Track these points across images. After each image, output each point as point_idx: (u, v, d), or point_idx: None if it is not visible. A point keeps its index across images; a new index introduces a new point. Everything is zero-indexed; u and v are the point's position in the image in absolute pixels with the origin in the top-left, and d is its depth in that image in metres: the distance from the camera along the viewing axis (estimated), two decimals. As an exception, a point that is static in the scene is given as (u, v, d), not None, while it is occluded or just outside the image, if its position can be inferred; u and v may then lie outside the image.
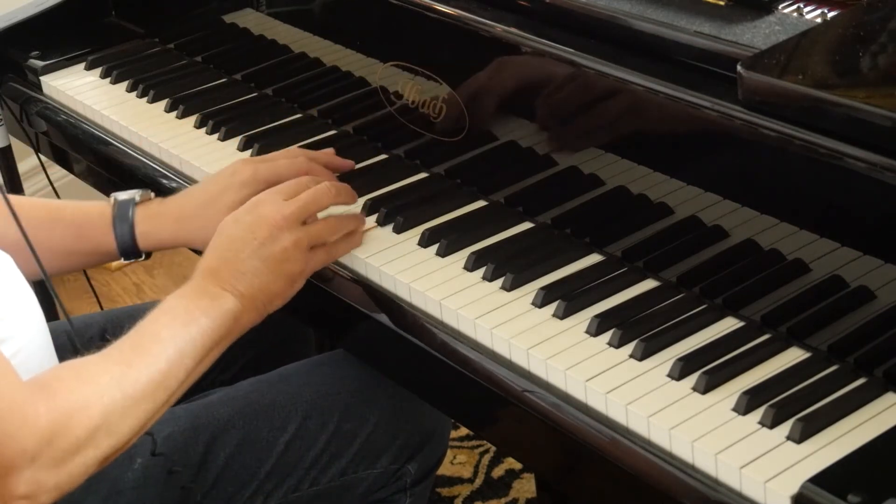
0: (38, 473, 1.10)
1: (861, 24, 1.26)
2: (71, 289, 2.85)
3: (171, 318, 1.26)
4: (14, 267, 1.33)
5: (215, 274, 1.32)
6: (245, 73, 1.86)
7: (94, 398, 1.15)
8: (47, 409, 1.11)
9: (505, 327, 1.28)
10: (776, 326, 1.23)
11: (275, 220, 1.34)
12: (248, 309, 1.31)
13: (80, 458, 1.14)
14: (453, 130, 1.52)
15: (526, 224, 1.45)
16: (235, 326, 1.30)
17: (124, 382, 1.18)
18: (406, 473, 1.52)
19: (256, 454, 1.45)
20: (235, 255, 1.33)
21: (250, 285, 1.31)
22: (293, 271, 1.35)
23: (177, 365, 1.23)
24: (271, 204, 1.36)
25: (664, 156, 1.33)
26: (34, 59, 1.96)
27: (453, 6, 1.49)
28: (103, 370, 1.18)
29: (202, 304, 1.28)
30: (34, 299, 1.33)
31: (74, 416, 1.13)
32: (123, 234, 1.48)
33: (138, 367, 1.20)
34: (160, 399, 1.22)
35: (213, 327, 1.27)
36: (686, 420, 1.13)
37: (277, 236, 1.34)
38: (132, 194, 1.49)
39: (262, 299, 1.33)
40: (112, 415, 1.16)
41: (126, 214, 1.48)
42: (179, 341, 1.24)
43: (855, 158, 1.12)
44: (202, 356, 1.27)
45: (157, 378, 1.21)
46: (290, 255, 1.34)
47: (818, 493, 1.03)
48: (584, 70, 1.35)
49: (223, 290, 1.30)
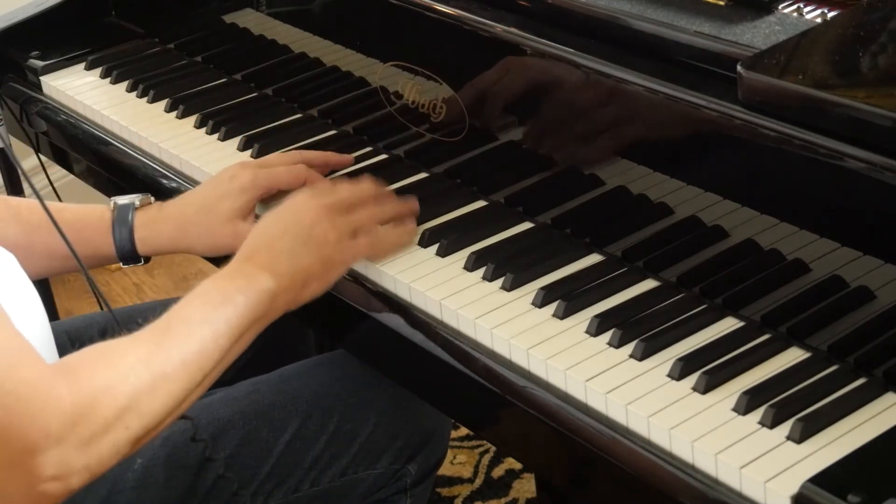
0: (65, 454, 1.09)
1: (861, 24, 1.26)
2: (71, 289, 2.86)
3: (203, 300, 1.25)
4: (17, 266, 1.33)
5: (252, 256, 1.31)
6: (245, 73, 1.86)
7: (120, 379, 1.14)
8: (70, 390, 1.10)
9: (505, 327, 1.28)
10: (776, 326, 1.23)
11: (314, 208, 1.34)
12: (285, 289, 1.29)
13: (108, 440, 1.12)
14: (453, 130, 1.52)
15: (526, 224, 1.45)
16: (272, 307, 1.29)
17: (153, 362, 1.17)
18: (406, 474, 1.53)
19: (256, 454, 1.45)
20: (274, 238, 1.32)
21: (287, 266, 1.30)
22: (332, 255, 1.33)
23: (211, 345, 1.22)
24: (310, 196, 1.37)
25: (664, 156, 1.33)
26: (34, 59, 1.96)
27: (453, 6, 1.49)
28: (130, 351, 1.17)
29: (238, 284, 1.27)
30: (37, 298, 1.33)
31: (99, 397, 1.12)
32: (122, 239, 1.47)
33: (168, 347, 1.19)
34: (195, 378, 1.20)
35: (249, 306, 1.26)
36: (686, 420, 1.13)
37: (316, 221, 1.33)
38: (132, 199, 1.49)
39: (299, 280, 1.31)
40: (140, 395, 1.15)
41: (125, 219, 1.47)
42: (213, 321, 1.23)
43: (855, 158, 1.12)
44: (238, 336, 1.25)
45: (190, 358, 1.19)
46: (330, 238, 1.33)
47: (818, 493, 1.03)
48: (584, 70, 1.35)
49: (259, 270, 1.29)
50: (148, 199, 1.50)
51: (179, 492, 1.41)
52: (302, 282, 1.31)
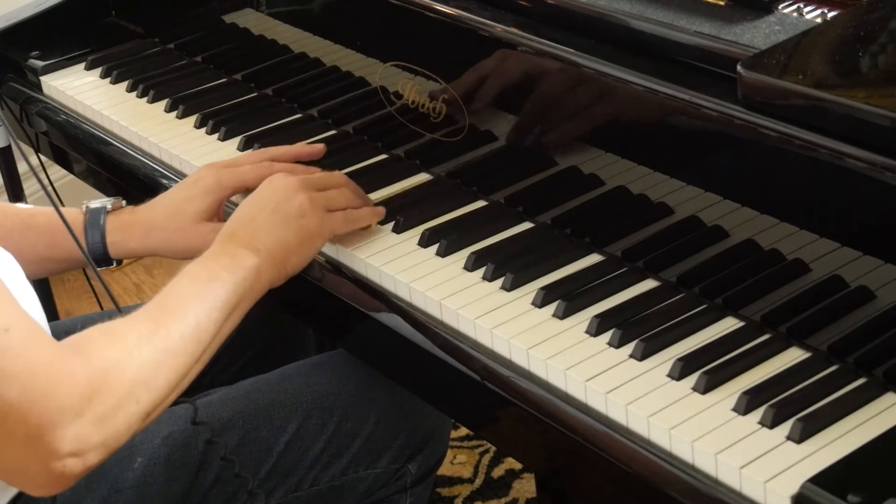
0: (82, 430, 1.11)
1: (861, 24, 1.26)
2: (71, 289, 2.85)
3: (192, 278, 1.28)
4: (16, 265, 1.33)
5: (233, 236, 1.34)
6: (245, 73, 1.86)
7: (126, 355, 1.16)
8: (83, 366, 1.12)
9: (505, 327, 1.28)
10: (776, 326, 1.23)
11: (290, 184, 1.38)
12: (268, 264, 1.33)
13: (122, 415, 1.14)
14: (453, 130, 1.52)
15: (526, 224, 1.45)
16: (257, 282, 1.32)
17: (154, 338, 1.19)
18: (406, 473, 1.53)
19: (257, 454, 1.45)
20: (252, 217, 1.36)
21: (267, 239, 1.34)
22: (309, 227, 1.37)
23: (205, 319, 1.25)
24: (284, 176, 1.41)
25: (664, 156, 1.33)
26: (34, 59, 1.96)
27: (453, 6, 1.49)
28: (131, 328, 1.20)
29: (222, 262, 1.31)
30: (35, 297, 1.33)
31: (110, 373, 1.14)
32: (94, 243, 1.49)
33: (166, 323, 1.22)
34: (194, 353, 1.23)
35: (236, 281, 1.29)
36: (686, 420, 1.13)
37: (292, 196, 1.37)
38: (104, 202, 1.51)
39: (279, 256, 1.34)
40: (146, 369, 1.17)
41: (97, 222, 1.49)
42: (204, 297, 1.26)
43: (855, 158, 1.12)
44: (229, 310, 1.28)
45: (188, 332, 1.22)
46: (306, 210, 1.37)
47: (818, 493, 1.03)
48: (584, 70, 1.35)
49: (241, 248, 1.32)
50: (119, 202, 1.52)
51: (180, 491, 1.41)
52: (282, 255, 1.35)
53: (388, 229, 1.46)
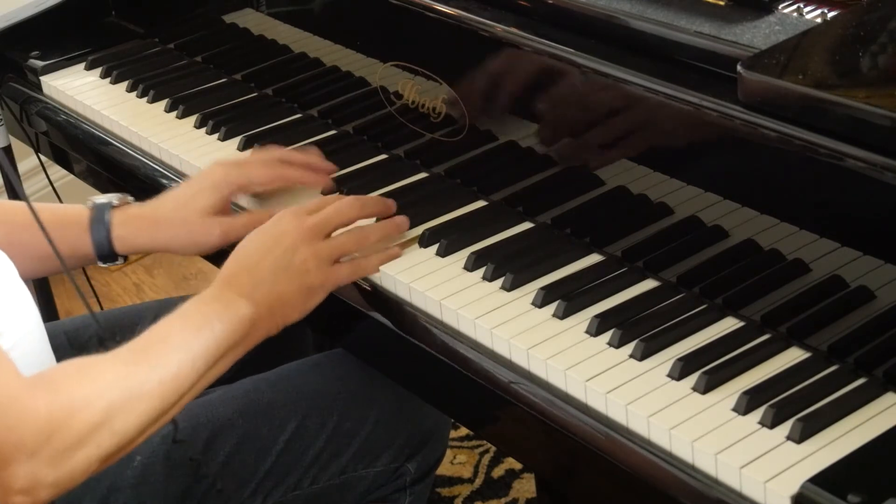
0: (36, 468, 1.10)
1: (861, 24, 1.26)
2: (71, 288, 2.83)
3: (183, 322, 1.26)
4: (10, 266, 1.33)
5: (232, 281, 1.31)
6: (245, 73, 1.86)
7: (96, 395, 1.14)
8: (47, 403, 1.11)
9: (505, 327, 1.28)
10: (776, 326, 1.23)
11: (295, 233, 1.34)
12: (264, 317, 1.30)
13: (80, 456, 1.13)
14: (453, 130, 1.52)
15: (526, 224, 1.45)
16: (250, 334, 1.30)
17: (129, 381, 1.17)
18: (406, 472, 1.53)
19: (256, 453, 1.45)
20: (254, 264, 1.32)
21: (267, 294, 1.30)
22: (312, 283, 1.33)
23: (187, 368, 1.22)
24: (293, 217, 1.36)
25: (664, 156, 1.33)
26: (34, 59, 1.96)
27: (453, 6, 1.49)
28: (108, 368, 1.18)
29: (216, 309, 1.27)
30: (30, 298, 1.33)
31: (75, 413, 1.12)
32: (100, 238, 1.48)
33: (145, 367, 1.19)
34: (169, 400, 1.21)
35: (227, 332, 1.27)
36: (686, 420, 1.13)
37: (297, 248, 1.33)
38: (109, 198, 1.50)
39: (278, 310, 1.32)
40: (114, 412, 1.15)
41: (102, 218, 1.48)
42: (192, 344, 1.23)
43: (855, 158, 1.12)
44: (215, 360, 1.26)
45: (166, 379, 1.20)
46: (310, 266, 1.33)
47: (818, 493, 1.03)
48: (583, 70, 1.35)
49: (239, 297, 1.29)
50: (126, 198, 1.51)
51: (179, 489, 1.41)
52: (281, 310, 1.32)
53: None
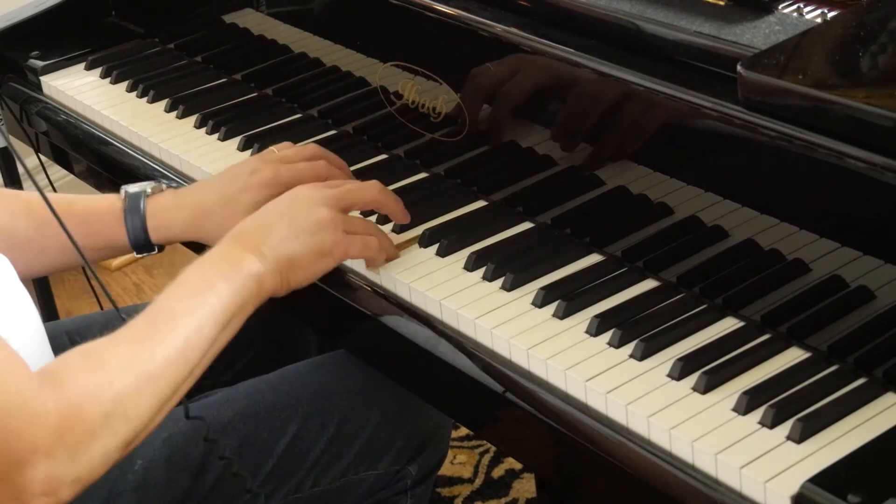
0: (54, 467, 1.08)
1: (861, 24, 1.26)
2: (71, 288, 2.85)
3: (186, 289, 1.23)
4: (10, 269, 1.32)
5: (240, 237, 1.29)
6: (245, 73, 1.86)
7: (104, 384, 1.12)
8: (56, 400, 1.08)
9: (505, 327, 1.28)
10: (776, 326, 1.23)
11: (312, 196, 1.33)
12: (272, 272, 1.27)
13: (97, 448, 1.11)
14: (453, 130, 1.52)
15: (526, 224, 1.45)
16: (258, 290, 1.26)
17: (136, 363, 1.14)
18: (407, 474, 1.52)
19: (257, 455, 1.44)
20: (265, 221, 1.31)
21: (276, 248, 1.28)
22: (323, 244, 1.32)
23: (195, 337, 1.19)
24: (311, 187, 1.36)
25: (664, 156, 1.34)
26: (34, 59, 1.96)
27: (453, 6, 1.49)
28: (113, 353, 1.15)
29: (221, 269, 1.25)
30: (30, 301, 1.33)
31: (85, 406, 1.10)
32: (135, 228, 1.45)
33: (151, 345, 1.16)
34: (180, 374, 1.18)
35: (234, 290, 1.24)
36: (686, 420, 1.13)
37: (313, 210, 1.32)
38: (143, 186, 1.47)
39: (286, 267, 1.29)
40: (125, 399, 1.12)
41: (137, 208, 1.45)
42: (196, 311, 1.20)
43: (855, 158, 1.12)
44: (224, 323, 1.23)
45: (173, 354, 1.17)
46: (324, 227, 1.31)
47: (818, 493, 1.03)
48: (583, 70, 1.35)
49: (245, 251, 1.27)
50: (160, 186, 1.48)
51: (180, 493, 1.41)
52: (288, 266, 1.29)
53: (388, 230, 1.46)
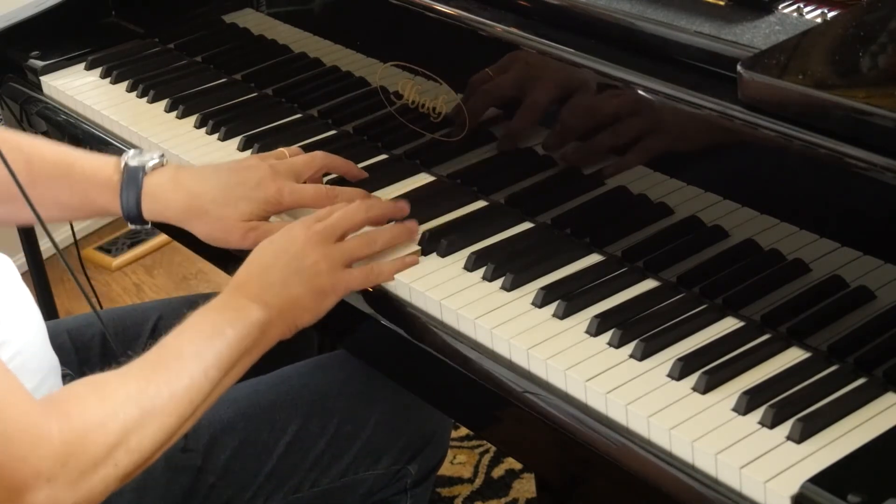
0: (55, 494, 1.09)
1: (861, 24, 1.26)
2: (71, 288, 2.85)
3: (195, 331, 1.25)
4: (13, 270, 1.33)
5: (243, 287, 1.30)
6: (245, 73, 1.86)
7: (110, 416, 1.13)
8: (60, 428, 1.10)
9: (505, 327, 1.28)
10: (776, 326, 1.23)
11: (304, 238, 1.33)
12: (276, 321, 1.29)
13: (98, 477, 1.12)
14: (453, 131, 1.52)
15: (526, 224, 1.45)
16: (263, 338, 1.28)
17: (142, 398, 1.16)
18: (407, 474, 1.53)
19: (257, 456, 1.45)
20: (265, 269, 1.31)
21: (278, 296, 1.29)
22: (323, 286, 1.32)
23: (200, 378, 1.21)
24: (301, 225, 1.36)
25: (664, 156, 1.33)
26: (34, 59, 1.96)
27: (453, 6, 1.49)
28: (120, 386, 1.17)
29: (228, 316, 1.26)
30: (32, 301, 1.33)
31: (89, 435, 1.11)
32: (129, 204, 1.45)
33: (157, 382, 1.18)
34: (184, 412, 1.20)
35: (239, 338, 1.26)
36: (686, 420, 1.13)
37: (307, 252, 1.32)
38: (143, 160, 1.46)
39: (289, 312, 1.31)
40: (130, 432, 1.14)
41: (135, 182, 1.45)
42: (204, 354, 1.22)
43: (855, 158, 1.12)
44: (228, 368, 1.25)
45: (180, 392, 1.19)
46: (321, 268, 1.32)
47: (818, 493, 1.03)
48: (583, 70, 1.35)
49: (250, 302, 1.28)
50: (160, 162, 1.47)
51: (180, 494, 1.41)
52: (292, 312, 1.31)
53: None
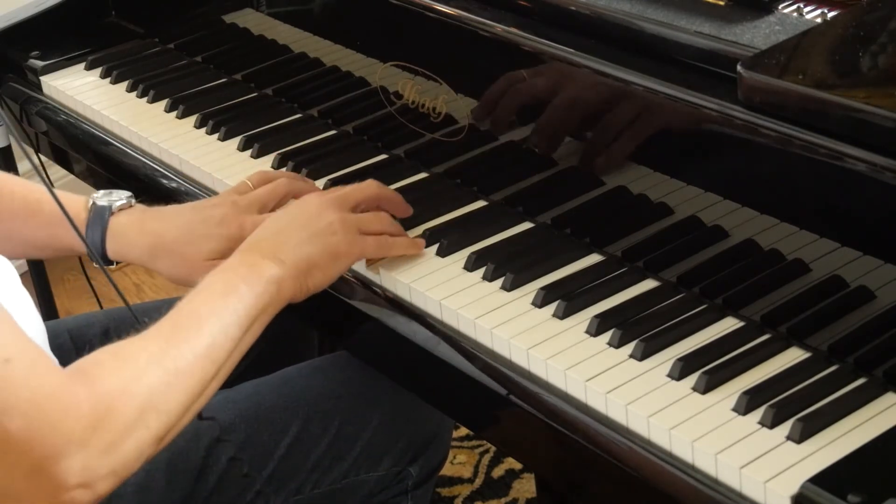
0: (88, 459, 1.08)
1: (861, 24, 1.26)
2: (71, 288, 2.85)
3: (209, 293, 1.24)
4: (12, 272, 1.32)
5: (256, 246, 1.30)
6: (245, 73, 1.86)
7: (134, 379, 1.13)
8: (88, 394, 1.09)
9: (505, 327, 1.28)
10: (776, 326, 1.23)
11: (320, 202, 1.34)
12: (290, 277, 1.29)
13: (131, 441, 1.11)
14: (453, 130, 1.52)
15: (526, 224, 1.45)
16: (278, 294, 1.28)
17: (165, 359, 1.16)
18: (408, 475, 1.52)
19: (258, 457, 1.44)
20: (279, 230, 1.32)
21: (292, 253, 1.29)
22: (338, 246, 1.32)
23: (221, 336, 1.21)
24: (317, 194, 1.37)
25: (664, 156, 1.34)
26: (34, 59, 1.96)
27: (453, 6, 1.49)
28: (141, 350, 1.16)
29: (241, 273, 1.26)
30: (31, 305, 1.33)
31: (117, 399, 1.11)
32: (94, 241, 1.45)
33: (179, 343, 1.18)
34: (208, 372, 1.19)
35: (255, 294, 1.25)
36: (686, 420, 1.13)
37: (324, 214, 1.33)
38: (111, 201, 1.46)
39: (304, 271, 1.30)
40: (156, 393, 1.14)
41: (100, 222, 1.45)
42: (220, 313, 1.22)
43: (855, 158, 1.12)
44: (247, 325, 1.24)
45: (201, 351, 1.19)
46: (336, 228, 1.33)
47: (818, 493, 1.03)
48: (583, 70, 1.35)
49: (263, 258, 1.28)
50: (129, 202, 1.46)
51: (181, 495, 1.41)
52: (306, 270, 1.30)
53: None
